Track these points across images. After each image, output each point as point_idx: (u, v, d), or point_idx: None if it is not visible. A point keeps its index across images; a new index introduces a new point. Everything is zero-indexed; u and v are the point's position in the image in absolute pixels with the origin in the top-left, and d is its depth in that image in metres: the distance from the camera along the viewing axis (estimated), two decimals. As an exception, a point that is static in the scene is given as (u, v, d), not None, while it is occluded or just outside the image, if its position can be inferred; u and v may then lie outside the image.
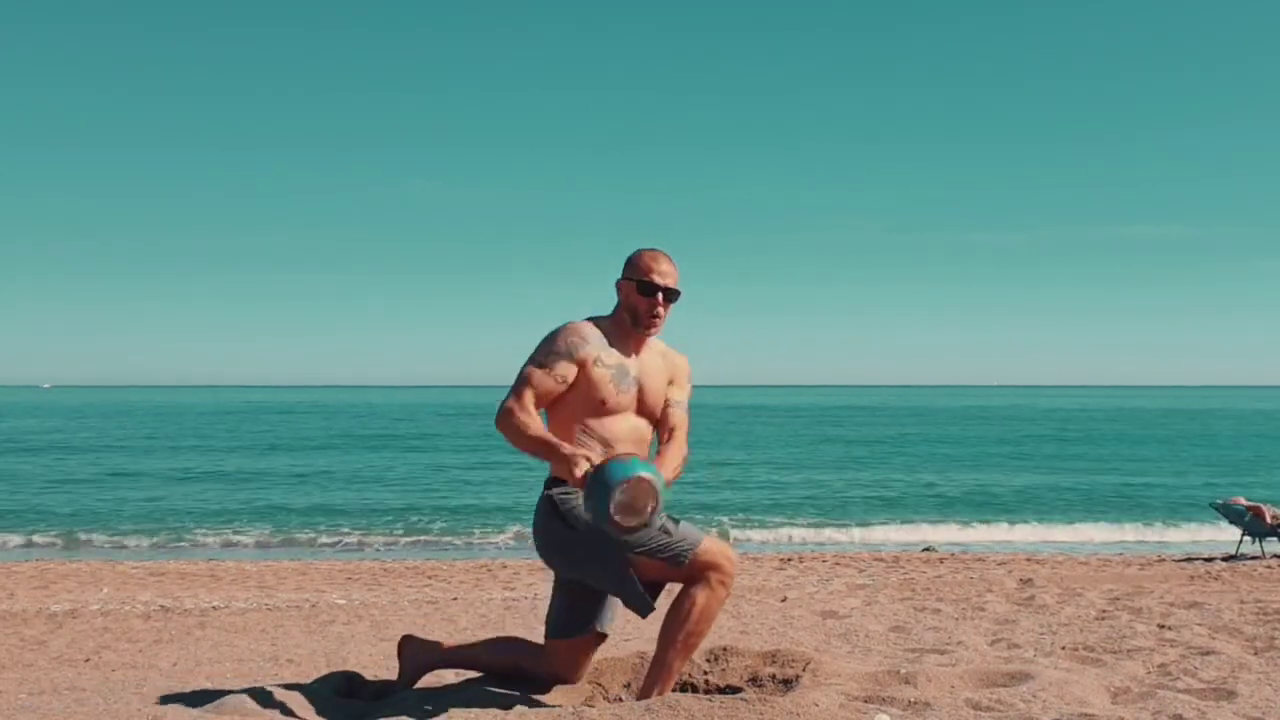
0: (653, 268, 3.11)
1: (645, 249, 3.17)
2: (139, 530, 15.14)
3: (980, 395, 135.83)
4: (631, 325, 3.10)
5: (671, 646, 2.97)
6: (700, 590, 2.94)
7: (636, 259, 3.14)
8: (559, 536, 3.02)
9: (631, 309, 3.10)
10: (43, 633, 5.41)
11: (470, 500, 19.38)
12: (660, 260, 3.13)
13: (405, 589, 7.99)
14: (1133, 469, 25.68)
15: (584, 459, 2.83)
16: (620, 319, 3.13)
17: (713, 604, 2.95)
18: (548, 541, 3.06)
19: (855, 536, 14.48)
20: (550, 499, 3.02)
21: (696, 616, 2.94)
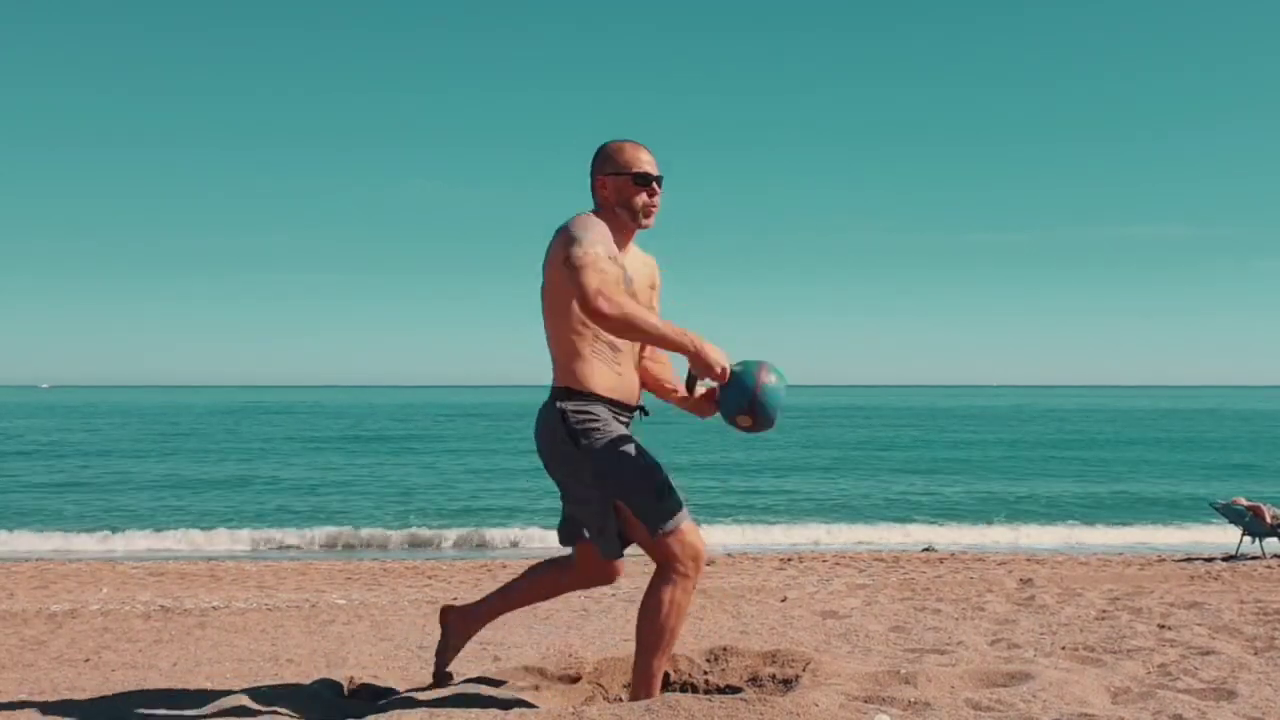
0: (640, 157, 2.98)
1: (620, 141, 3.02)
2: (139, 530, 15.14)
3: (980, 395, 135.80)
4: (630, 220, 2.98)
5: (649, 648, 2.90)
6: (665, 587, 2.86)
7: (617, 153, 2.99)
8: (564, 450, 2.91)
9: (627, 204, 2.96)
10: (43, 633, 5.41)
11: (470, 500, 19.38)
12: (641, 149, 3.00)
13: (405, 589, 7.99)
14: (1132, 469, 25.68)
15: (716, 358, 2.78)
16: (612, 218, 2.96)
17: (681, 598, 2.86)
18: (553, 454, 2.95)
19: (855, 536, 14.47)
20: (563, 414, 2.89)
21: (666, 612, 2.85)
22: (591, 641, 4.65)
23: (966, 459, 28.93)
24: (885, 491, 20.59)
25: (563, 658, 3.80)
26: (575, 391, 2.90)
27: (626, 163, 2.97)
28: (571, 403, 2.89)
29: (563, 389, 2.92)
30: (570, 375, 2.91)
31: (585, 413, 2.89)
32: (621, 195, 2.97)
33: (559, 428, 2.90)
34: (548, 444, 2.96)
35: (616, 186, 2.97)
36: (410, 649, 4.65)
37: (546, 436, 2.96)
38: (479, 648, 4.59)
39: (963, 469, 25.76)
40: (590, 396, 2.91)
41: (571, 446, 2.89)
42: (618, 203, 2.98)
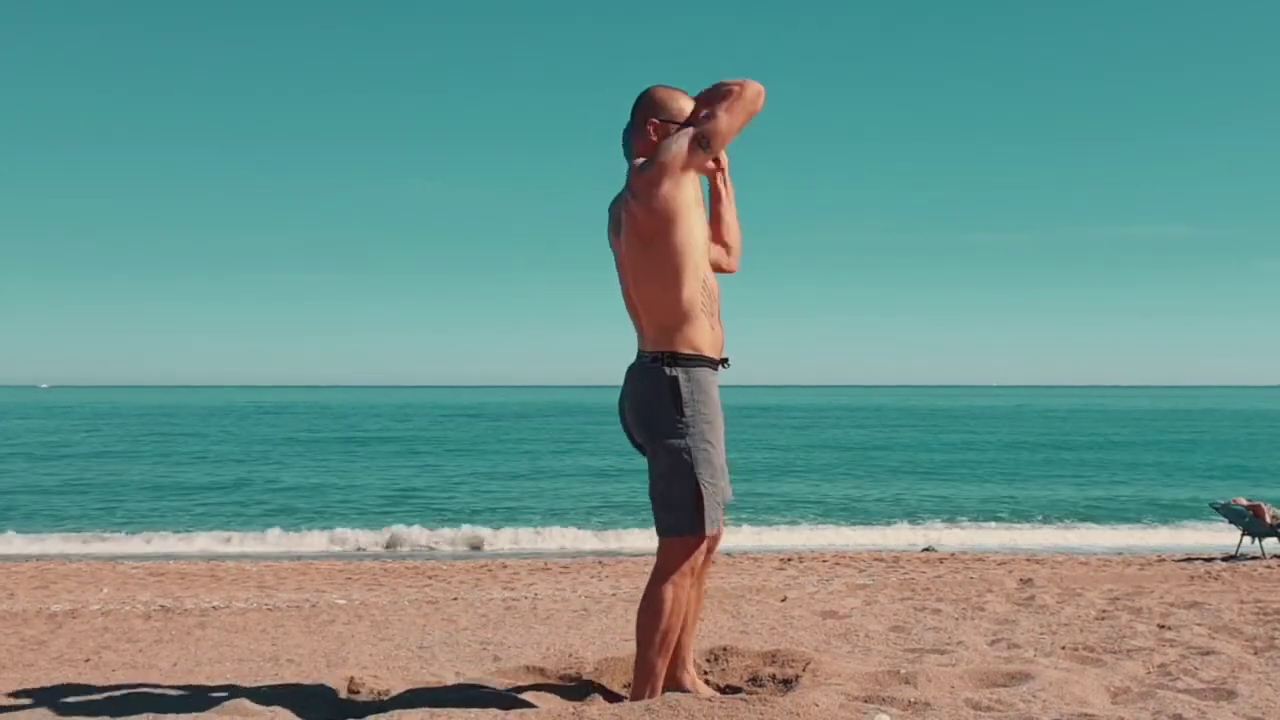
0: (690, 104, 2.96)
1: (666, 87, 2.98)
2: (139, 530, 15.14)
3: (980, 395, 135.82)
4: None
5: (650, 645, 2.87)
6: (667, 586, 2.85)
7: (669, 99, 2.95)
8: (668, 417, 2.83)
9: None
10: (43, 633, 5.41)
11: (470, 500, 19.38)
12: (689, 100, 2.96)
13: (405, 589, 7.99)
14: (1132, 469, 25.69)
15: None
16: None
17: (680, 596, 2.86)
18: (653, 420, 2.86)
19: (855, 536, 14.48)
20: (674, 381, 2.83)
21: (669, 611, 2.84)
22: (591, 641, 4.65)
23: (966, 459, 28.93)
24: (885, 491, 20.59)
25: (563, 658, 3.81)
26: (684, 356, 2.84)
27: (679, 111, 2.93)
28: (681, 369, 2.83)
29: (668, 354, 2.84)
30: (677, 337, 2.84)
31: (699, 386, 2.84)
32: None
33: (665, 394, 2.82)
34: (647, 411, 2.87)
35: (666, 134, 2.90)
36: (410, 649, 4.65)
37: (648, 403, 2.86)
38: (479, 648, 4.59)
39: (963, 469, 25.77)
40: (699, 360, 2.86)
41: (675, 415, 2.82)
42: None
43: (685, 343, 2.85)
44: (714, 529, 2.87)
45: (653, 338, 2.89)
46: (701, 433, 2.84)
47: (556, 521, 16.09)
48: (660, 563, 2.90)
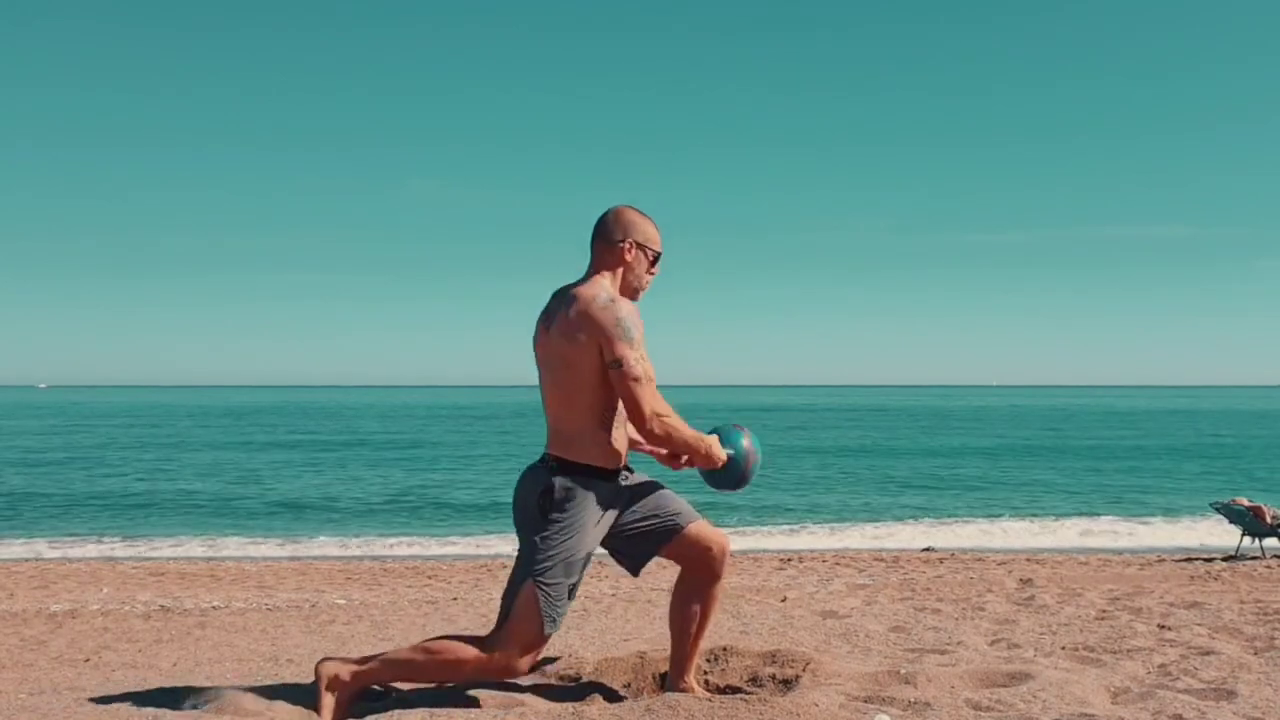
0: (657, 237, 3.06)
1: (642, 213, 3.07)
2: (138, 530, 15.14)
3: (980, 395, 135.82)
4: (632, 291, 3.03)
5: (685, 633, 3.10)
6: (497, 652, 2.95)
7: (644, 224, 3.04)
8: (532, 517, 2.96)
9: (639, 277, 3.02)
10: (43, 633, 5.41)
11: (470, 500, 19.38)
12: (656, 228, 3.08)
13: (405, 589, 7.99)
14: (1132, 469, 25.69)
15: (715, 446, 3.04)
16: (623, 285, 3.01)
17: (493, 666, 2.97)
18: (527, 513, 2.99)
19: (855, 536, 14.47)
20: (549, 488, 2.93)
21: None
22: (591, 641, 4.65)
23: (966, 459, 28.93)
24: (885, 491, 20.59)
25: (563, 658, 3.80)
26: (572, 465, 2.94)
27: (650, 239, 3.04)
28: (564, 478, 2.93)
29: (558, 460, 2.95)
30: (572, 448, 2.95)
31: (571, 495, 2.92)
32: (637, 268, 3.02)
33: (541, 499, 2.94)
34: (525, 508, 3.01)
35: (637, 259, 3.01)
36: (410, 649, 4.64)
37: (526, 500, 3.00)
38: (479, 648, 4.59)
39: (962, 469, 25.77)
40: (588, 471, 2.95)
41: (539, 516, 2.94)
42: (631, 271, 3.01)
43: (577, 453, 2.94)
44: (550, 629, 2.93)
45: (550, 439, 3.01)
46: (560, 539, 2.92)
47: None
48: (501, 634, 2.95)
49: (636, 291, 3.04)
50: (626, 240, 2.99)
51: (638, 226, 3.02)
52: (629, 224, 3.02)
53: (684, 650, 3.12)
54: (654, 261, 3.05)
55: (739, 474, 3.14)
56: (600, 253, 3.01)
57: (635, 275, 3.01)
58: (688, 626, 3.09)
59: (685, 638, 3.10)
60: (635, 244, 2.99)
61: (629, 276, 3.01)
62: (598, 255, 3.01)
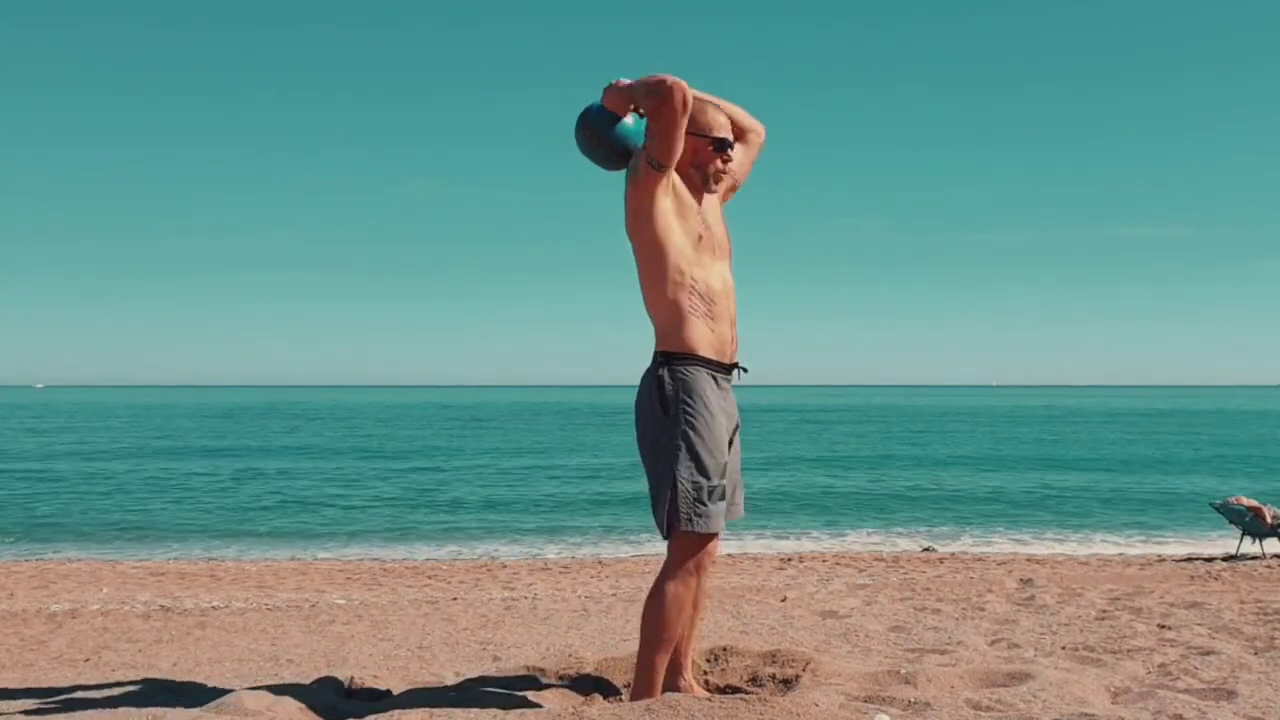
0: (720, 120, 2.95)
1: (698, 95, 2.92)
2: (138, 530, 15.14)
3: (980, 395, 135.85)
4: (701, 183, 2.94)
5: (649, 644, 2.88)
6: (670, 583, 2.84)
7: (699, 112, 2.89)
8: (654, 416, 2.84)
9: (701, 165, 2.92)
10: (43, 633, 5.41)
11: (470, 500, 19.37)
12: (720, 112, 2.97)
13: (405, 589, 7.99)
14: (1132, 469, 25.68)
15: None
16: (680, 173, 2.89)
17: (683, 595, 2.84)
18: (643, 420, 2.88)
19: (855, 537, 14.47)
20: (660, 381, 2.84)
21: (668, 608, 2.83)
22: (591, 641, 4.65)
23: (966, 459, 28.92)
24: (885, 491, 20.58)
25: (563, 658, 3.80)
26: (675, 356, 2.84)
27: (708, 125, 2.92)
28: (670, 369, 2.83)
29: (662, 354, 2.85)
30: (670, 338, 2.85)
31: (683, 381, 2.82)
32: (698, 157, 2.92)
33: (654, 394, 2.84)
34: (641, 409, 2.89)
35: (694, 146, 2.89)
36: (410, 649, 4.65)
37: (642, 401, 2.89)
38: (479, 648, 4.59)
39: (962, 469, 25.76)
40: (691, 360, 2.85)
41: (660, 413, 2.82)
42: (692, 163, 2.91)
43: (677, 342, 2.85)
44: (701, 527, 2.80)
45: (656, 338, 2.91)
46: (684, 432, 2.81)
47: (557, 522, 16.09)
48: (667, 559, 2.90)
49: (707, 182, 2.94)
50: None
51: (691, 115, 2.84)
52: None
53: (681, 649, 3.10)
54: (719, 147, 2.92)
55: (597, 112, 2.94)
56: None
57: (700, 167, 2.92)
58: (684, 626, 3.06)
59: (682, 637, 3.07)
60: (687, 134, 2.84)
61: (692, 170, 2.92)
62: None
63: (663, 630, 2.86)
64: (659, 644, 2.87)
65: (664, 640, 2.87)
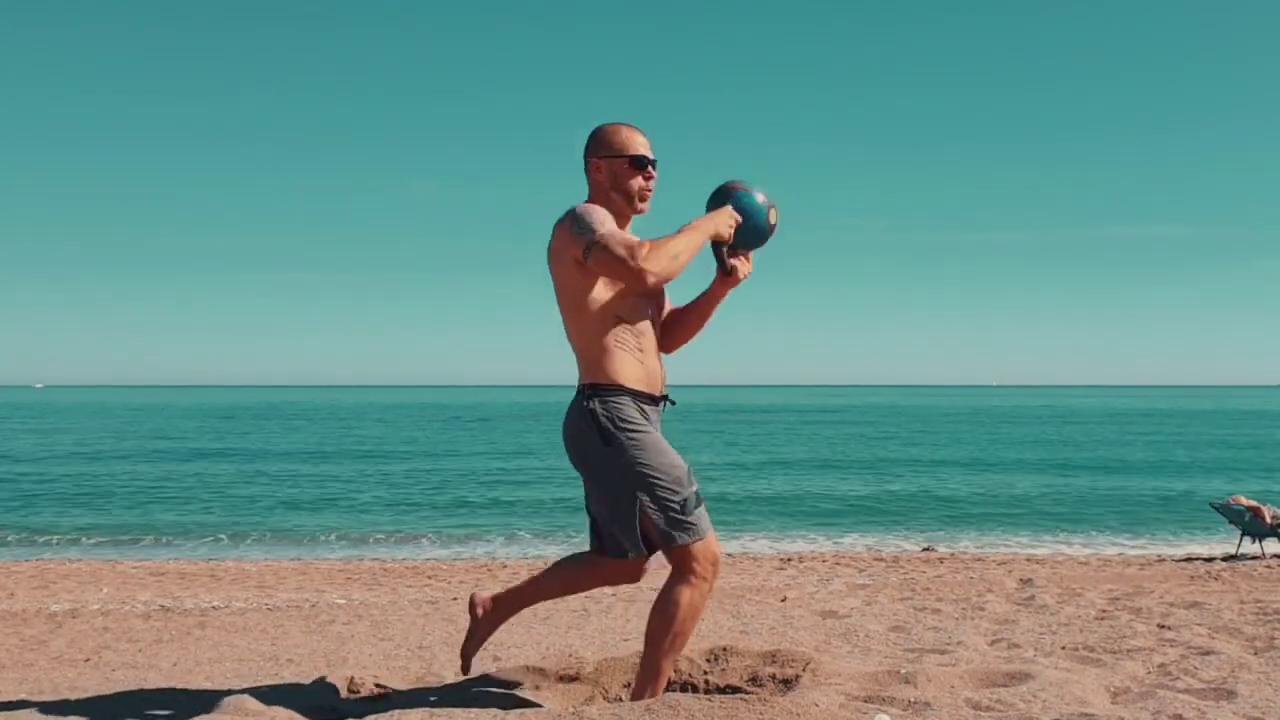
0: (635, 140, 2.93)
1: (615, 124, 2.96)
2: (138, 530, 15.14)
3: (980, 395, 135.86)
4: (625, 205, 2.93)
5: (659, 648, 2.87)
6: (683, 588, 2.83)
7: (611, 135, 2.93)
8: (594, 450, 2.86)
9: (623, 188, 2.92)
10: (43, 633, 5.41)
11: (469, 500, 19.38)
12: (637, 132, 2.96)
13: (405, 589, 7.99)
14: (1132, 469, 25.68)
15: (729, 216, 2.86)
16: (606, 202, 2.92)
17: (697, 601, 2.84)
18: (582, 454, 2.90)
19: (855, 537, 14.48)
20: (592, 413, 2.84)
21: (682, 616, 2.83)
22: (591, 641, 4.65)
23: (966, 458, 28.93)
24: (885, 491, 20.58)
25: (563, 658, 3.80)
26: (603, 387, 2.85)
27: (621, 145, 2.92)
28: (600, 400, 2.84)
29: (589, 386, 2.86)
30: (596, 371, 2.87)
31: (616, 411, 2.83)
32: (616, 179, 2.92)
33: (589, 428, 2.84)
34: (576, 444, 2.90)
35: (611, 170, 2.92)
36: (410, 649, 4.65)
37: (575, 437, 2.90)
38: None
39: (962, 468, 25.76)
40: (618, 390, 2.85)
41: (601, 445, 2.83)
42: (612, 186, 2.93)
43: (603, 374, 2.86)
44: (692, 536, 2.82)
45: (579, 370, 2.93)
46: (633, 457, 2.82)
47: (556, 522, 16.09)
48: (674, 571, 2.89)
49: (631, 201, 2.93)
50: (594, 160, 2.93)
51: (603, 140, 2.93)
52: (595, 143, 2.95)
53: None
54: (636, 165, 2.91)
55: (761, 219, 2.93)
56: (588, 182, 2.98)
57: (620, 189, 2.93)
58: None
59: None
60: (599, 159, 2.91)
61: (614, 194, 2.93)
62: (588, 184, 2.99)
63: (677, 637, 2.86)
64: (671, 650, 2.88)
65: (676, 646, 2.88)
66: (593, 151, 2.95)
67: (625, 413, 2.85)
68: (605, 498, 2.90)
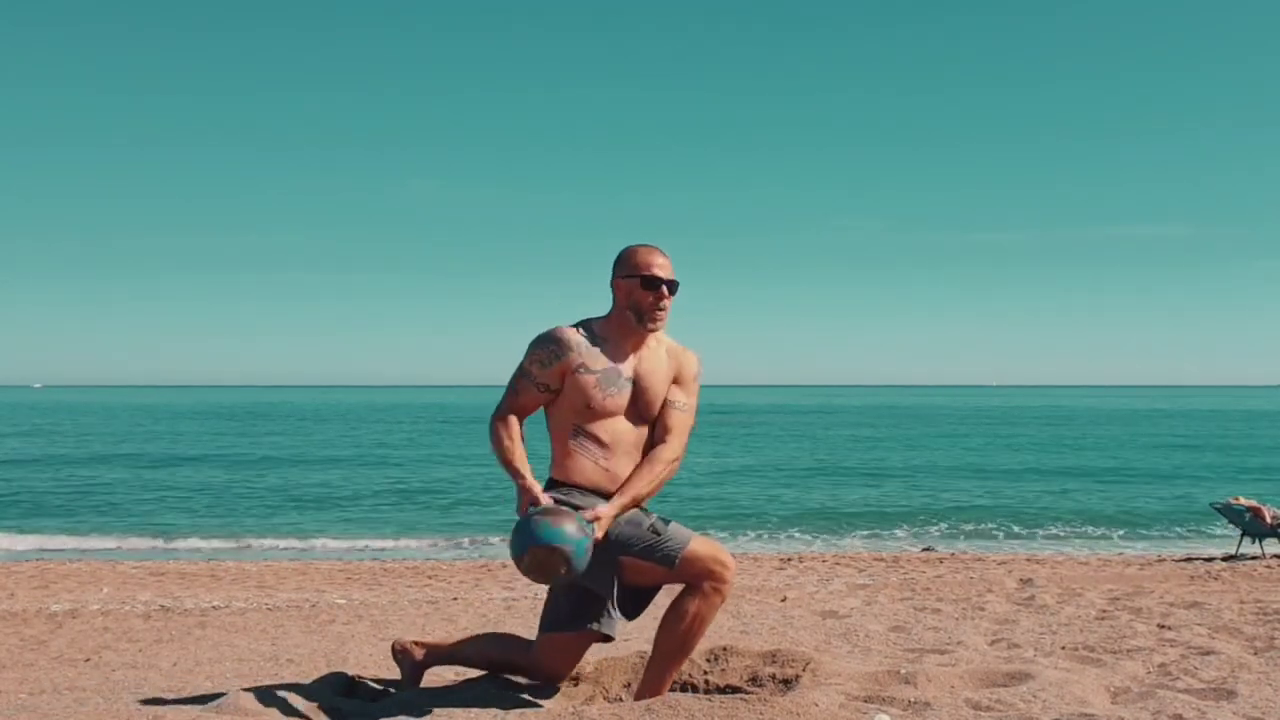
0: (651, 261, 3.07)
1: (637, 245, 3.12)
2: (139, 530, 15.14)
3: (979, 395, 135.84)
4: (636, 323, 3.07)
5: (667, 655, 2.99)
6: (694, 599, 2.94)
7: (630, 256, 3.10)
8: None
9: (635, 306, 3.05)
10: (43, 633, 5.41)
11: (469, 500, 19.37)
12: (655, 254, 3.10)
13: (405, 589, 7.99)
14: (1132, 468, 25.68)
15: (530, 500, 2.92)
16: (621, 319, 3.08)
17: (706, 611, 2.95)
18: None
19: (855, 537, 14.47)
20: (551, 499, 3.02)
21: (690, 625, 2.95)
22: (591, 641, 4.64)
23: (966, 459, 28.92)
24: (885, 491, 20.58)
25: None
26: (559, 483, 3.05)
27: (636, 265, 3.07)
28: (556, 491, 3.02)
29: (549, 480, 3.07)
30: (556, 467, 3.08)
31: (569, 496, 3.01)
32: (631, 297, 3.06)
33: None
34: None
35: (627, 289, 3.07)
36: (410, 649, 4.64)
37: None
38: (479, 648, 4.59)
39: (962, 469, 25.76)
40: (572, 489, 3.03)
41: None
42: (627, 304, 3.07)
43: (561, 471, 3.07)
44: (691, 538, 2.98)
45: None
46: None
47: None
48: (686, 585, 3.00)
49: (641, 320, 3.06)
50: (614, 279, 3.11)
51: (623, 260, 3.11)
52: (617, 262, 3.13)
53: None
54: (646, 285, 3.05)
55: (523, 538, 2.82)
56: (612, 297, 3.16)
57: (634, 306, 3.06)
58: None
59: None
60: (619, 278, 3.09)
61: (628, 312, 3.07)
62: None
63: (682, 645, 2.99)
64: (680, 656, 3.02)
65: (685, 654, 3.03)
66: (615, 271, 3.12)
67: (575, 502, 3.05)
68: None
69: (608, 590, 2.99)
